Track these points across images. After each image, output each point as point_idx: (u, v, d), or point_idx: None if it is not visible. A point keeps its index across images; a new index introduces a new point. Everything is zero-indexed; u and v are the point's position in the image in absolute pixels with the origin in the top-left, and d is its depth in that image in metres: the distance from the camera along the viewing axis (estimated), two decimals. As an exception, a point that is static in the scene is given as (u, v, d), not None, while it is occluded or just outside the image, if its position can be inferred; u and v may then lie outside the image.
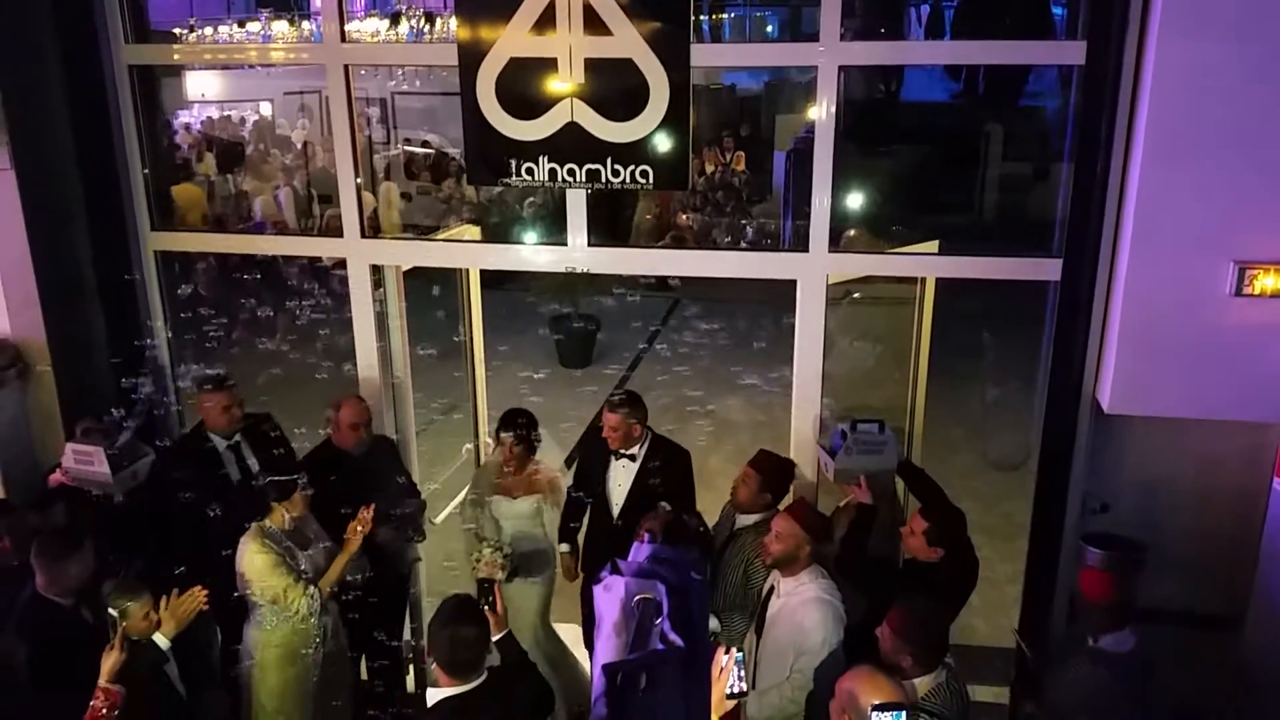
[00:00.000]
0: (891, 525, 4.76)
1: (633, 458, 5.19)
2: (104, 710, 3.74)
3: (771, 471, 4.88)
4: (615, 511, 5.23)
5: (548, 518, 5.45)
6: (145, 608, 4.08)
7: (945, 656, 3.73)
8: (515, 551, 5.12)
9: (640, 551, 2.16)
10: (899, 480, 5.08)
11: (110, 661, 3.78)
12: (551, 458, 5.70)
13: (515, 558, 5.10)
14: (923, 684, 3.61)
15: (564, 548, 5.53)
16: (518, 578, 5.21)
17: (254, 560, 4.49)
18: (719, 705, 3.07)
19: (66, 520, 4.50)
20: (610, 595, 2.07)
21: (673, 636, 1.89)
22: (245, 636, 4.68)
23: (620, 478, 5.24)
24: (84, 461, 4.75)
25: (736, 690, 3.12)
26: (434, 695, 3.52)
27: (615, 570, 2.09)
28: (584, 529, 5.53)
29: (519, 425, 5.26)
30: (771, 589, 4.50)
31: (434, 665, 3.52)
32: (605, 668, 1.73)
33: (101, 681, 3.77)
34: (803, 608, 4.28)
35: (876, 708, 2.95)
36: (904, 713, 2.96)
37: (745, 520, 4.88)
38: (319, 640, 4.65)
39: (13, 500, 5.09)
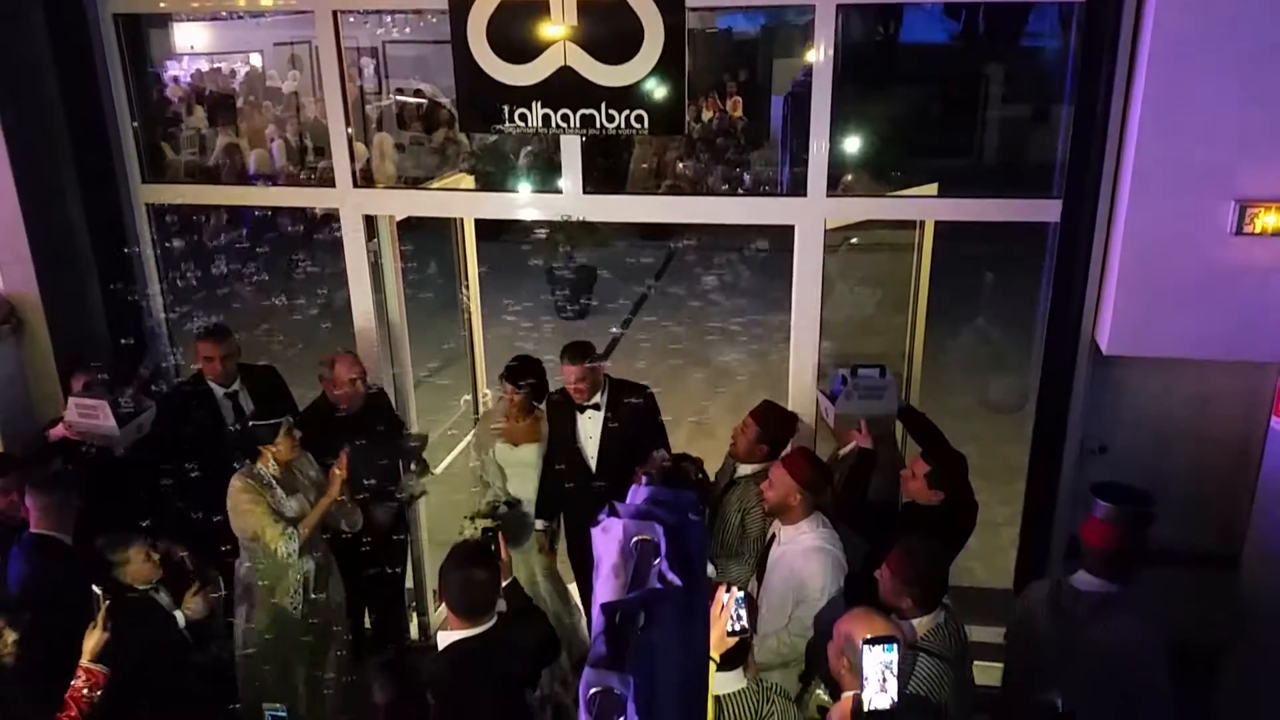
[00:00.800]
0: (892, 470, 4.77)
1: (597, 407, 5.09)
2: (85, 690, 3.63)
3: (770, 423, 4.84)
4: (592, 466, 5.16)
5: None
6: (143, 551, 4.10)
7: (944, 597, 3.76)
8: (505, 522, 5.07)
9: (637, 494, 2.15)
10: (898, 425, 5.09)
11: (93, 640, 3.68)
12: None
13: (510, 521, 5.09)
14: (922, 624, 3.63)
15: (540, 524, 5.39)
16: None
17: (236, 499, 4.54)
18: (720, 643, 3.10)
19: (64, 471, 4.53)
20: (608, 537, 2.06)
21: (671, 576, 1.89)
22: (235, 572, 4.75)
23: (589, 430, 5.16)
24: (88, 415, 4.76)
25: (737, 628, 3.14)
26: (445, 638, 3.56)
27: (613, 512, 2.08)
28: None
29: (522, 374, 5.20)
30: (773, 537, 4.52)
31: (445, 608, 3.56)
32: (604, 606, 1.73)
33: (84, 661, 3.67)
34: (803, 556, 4.30)
35: (868, 641, 2.98)
36: (895, 645, 2.98)
37: (744, 470, 4.88)
38: (302, 582, 4.67)
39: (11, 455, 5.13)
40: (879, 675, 2.97)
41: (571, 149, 4.93)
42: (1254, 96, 4.02)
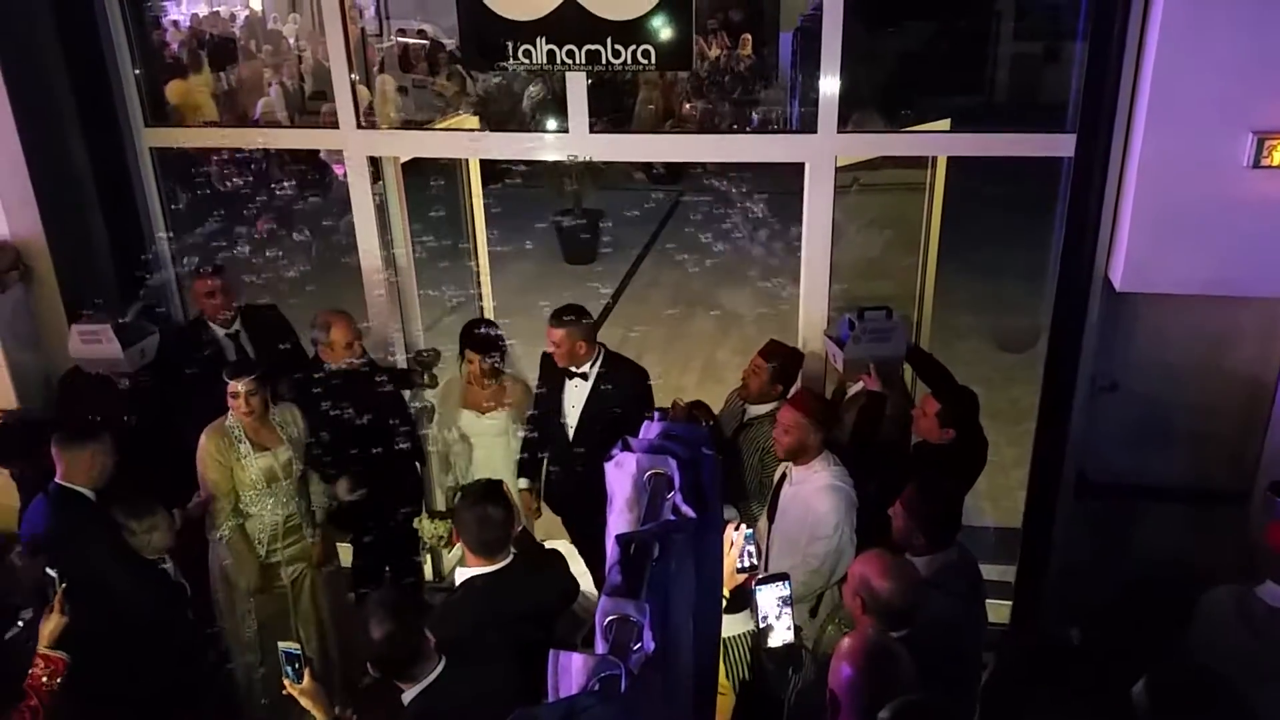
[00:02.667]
0: (900, 412, 4.77)
1: (584, 376, 4.95)
2: (44, 679, 3.48)
3: (782, 361, 4.84)
4: (570, 435, 5.02)
5: (517, 439, 5.24)
6: (165, 521, 4.15)
7: (957, 534, 3.77)
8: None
9: (650, 429, 2.14)
10: (906, 367, 5.07)
11: (50, 626, 3.56)
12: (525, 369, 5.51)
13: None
14: (934, 562, 3.66)
15: (523, 483, 5.28)
16: None
17: (199, 452, 4.58)
18: (730, 579, 3.12)
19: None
20: (622, 472, 2.07)
21: (685, 509, 1.89)
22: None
23: (574, 398, 5.00)
24: (91, 340, 4.75)
25: (747, 565, 3.16)
26: (462, 574, 3.61)
27: (626, 447, 2.08)
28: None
29: (487, 344, 5.05)
30: (784, 476, 4.54)
31: (462, 546, 3.60)
32: (618, 538, 1.73)
33: (41, 647, 3.53)
34: (815, 495, 4.33)
35: (760, 581, 3.00)
36: (787, 581, 3.00)
37: (757, 410, 4.87)
38: (267, 540, 4.73)
39: (23, 401, 5.17)
40: (775, 612, 3.00)
41: (577, 87, 4.85)
42: (1272, 27, 3.92)
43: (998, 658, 3.71)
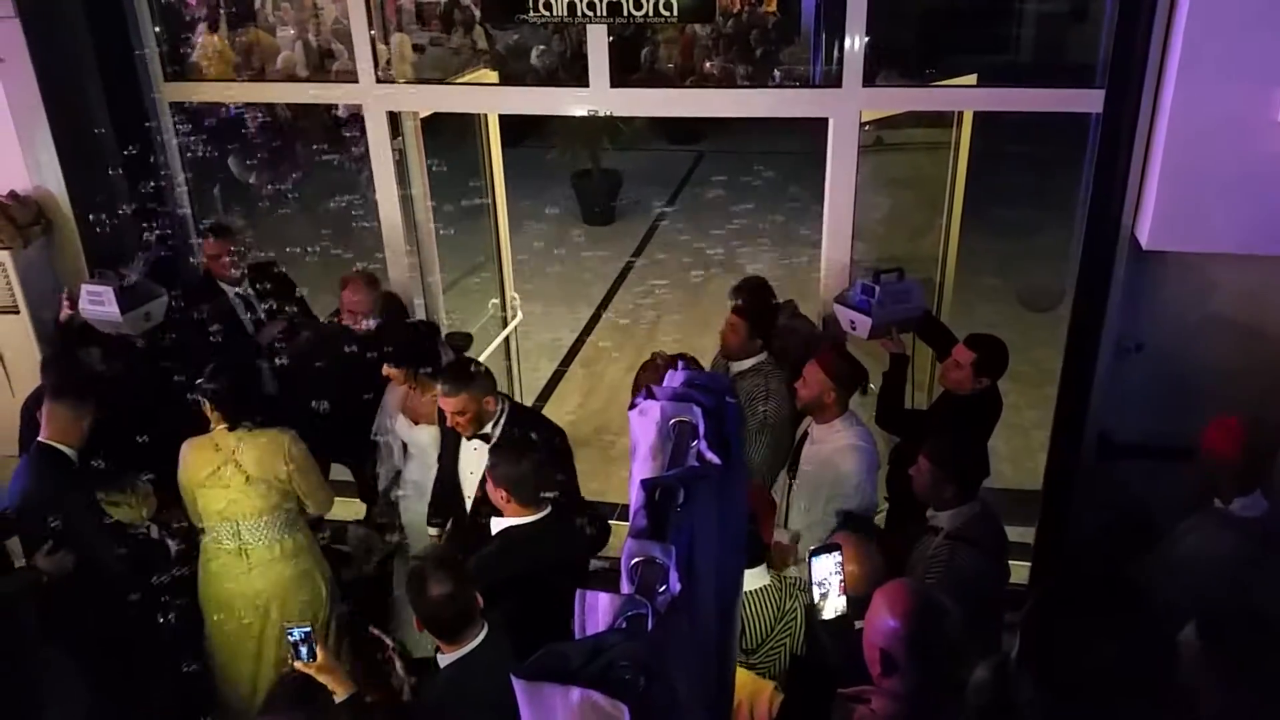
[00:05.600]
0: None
1: (485, 438, 4.22)
2: None
3: (757, 315, 4.79)
4: (468, 505, 4.36)
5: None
6: (136, 495, 4.15)
7: (984, 481, 3.77)
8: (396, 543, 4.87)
9: (674, 377, 2.13)
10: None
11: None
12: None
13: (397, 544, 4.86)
14: (960, 515, 3.66)
15: (432, 531, 4.69)
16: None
17: (182, 452, 4.33)
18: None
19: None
20: (645, 419, 2.05)
21: (710, 455, 1.88)
22: None
23: (472, 463, 4.31)
24: (96, 301, 4.76)
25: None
26: (499, 524, 3.65)
27: (649, 395, 2.07)
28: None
29: (413, 357, 4.58)
30: (804, 435, 4.53)
31: (502, 495, 3.62)
32: (643, 483, 1.73)
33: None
34: (838, 454, 4.33)
35: (813, 552, 3.00)
36: (838, 550, 3.01)
37: (740, 367, 4.83)
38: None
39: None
40: (831, 582, 3.01)
41: (598, 41, 4.79)
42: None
43: (1035, 592, 3.68)
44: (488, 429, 4.23)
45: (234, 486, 4.24)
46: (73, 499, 4.11)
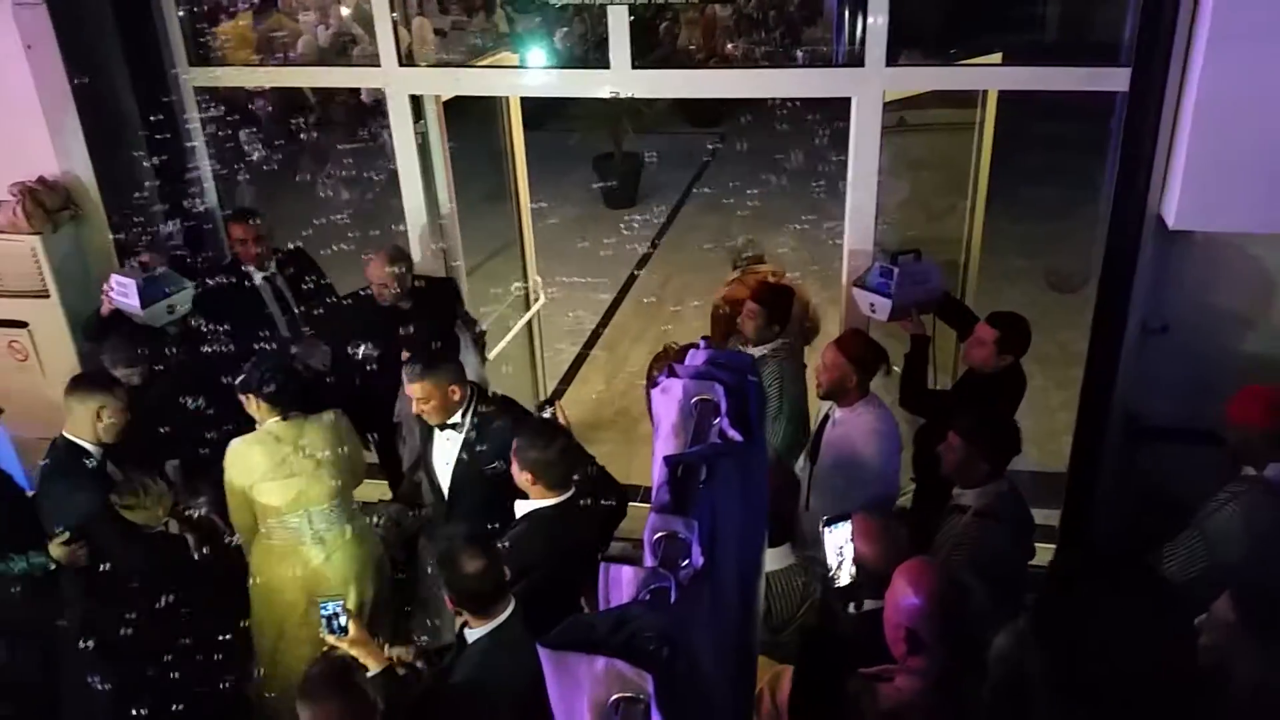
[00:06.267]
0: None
1: (456, 427, 4.14)
2: None
3: (774, 302, 4.84)
4: (446, 496, 4.30)
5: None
6: (150, 496, 4.03)
7: (1013, 457, 3.78)
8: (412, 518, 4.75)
9: (697, 355, 2.14)
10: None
11: None
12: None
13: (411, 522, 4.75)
14: (987, 493, 3.66)
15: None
16: None
17: (231, 452, 4.25)
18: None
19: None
20: (668, 398, 2.06)
21: (732, 433, 1.89)
22: None
23: (444, 454, 4.22)
24: (121, 293, 4.80)
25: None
26: (524, 506, 3.70)
27: (672, 373, 2.08)
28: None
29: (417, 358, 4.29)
30: (827, 417, 4.53)
31: (527, 478, 3.66)
32: (666, 459, 1.74)
33: None
34: (861, 438, 4.32)
35: (827, 522, 3.00)
36: (848, 521, 3.03)
37: (757, 352, 4.84)
38: None
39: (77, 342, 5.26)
40: (844, 552, 3.02)
41: (619, 21, 4.77)
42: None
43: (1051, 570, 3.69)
44: (457, 417, 4.15)
45: (304, 474, 4.19)
46: (86, 498, 4.09)
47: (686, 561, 1.59)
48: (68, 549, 4.02)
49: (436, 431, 4.20)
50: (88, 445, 4.20)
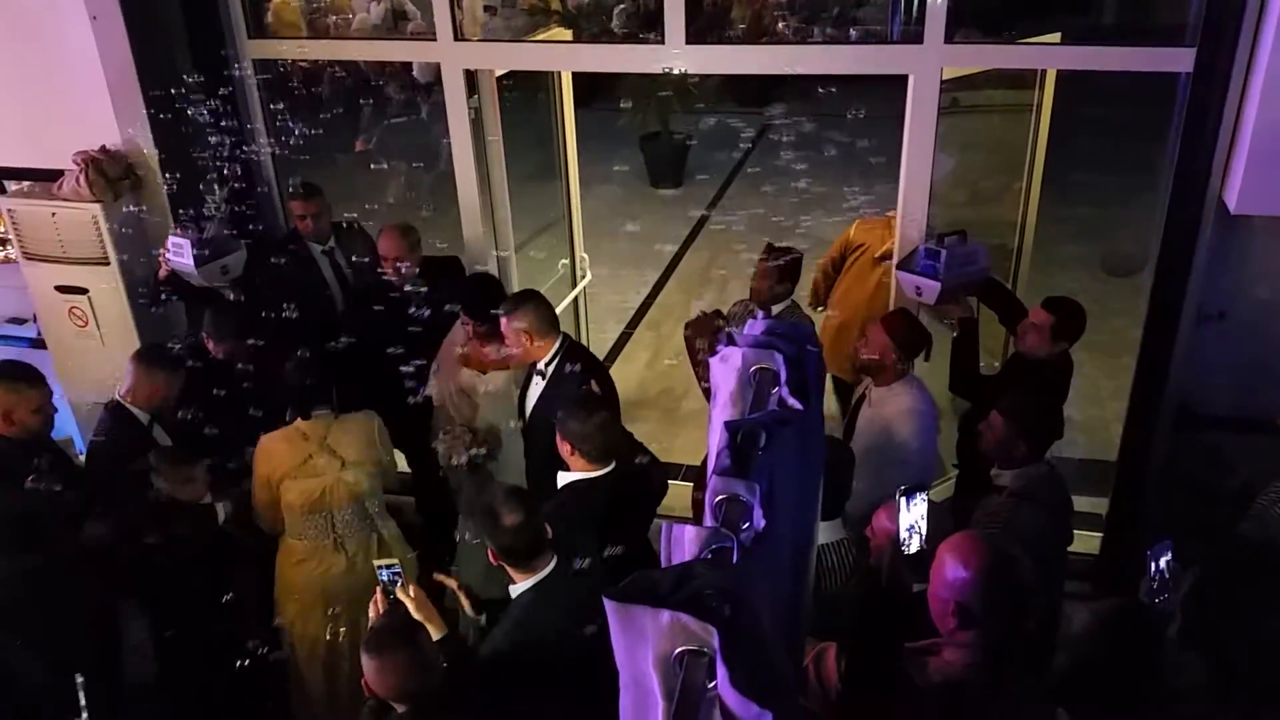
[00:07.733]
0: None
1: (542, 374, 4.40)
2: None
3: (784, 260, 4.92)
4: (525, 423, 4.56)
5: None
6: (188, 479, 4.07)
7: (1054, 444, 3.75)
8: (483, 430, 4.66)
9: (756, 325, 2.15)
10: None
11: None
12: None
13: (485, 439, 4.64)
14: (1026, 474, 3.64)
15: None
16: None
17: (262, 444, 4.28)
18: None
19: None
20: (727, 366, 2.08)
21: (791, 401, 1.91)
22: None
23: (532, 395, 4.51)
24: (177, 253, 4.92)
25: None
26: (565, 478, 3.73)
27: (731, 342, 2.09)
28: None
29: (480, 307, 4.54)
30: (863, 396, 4.52)
31: (568, 449, 3.69)
32: (727, 424, 1.75)
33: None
34: (897, 418, 4.30)
35: (903, 492, 3.00)
36: (924, 494, 3.01)
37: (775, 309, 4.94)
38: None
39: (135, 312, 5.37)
40: (921, 523, 3.01)
41: (674, -3, 4.75)
42: None
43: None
44: (541, 365, 4.37)
45: (328, 474, 4.19)
46: (128, 469, 4.13)
47: (748, 524, 1.61)
48: (92, 526, 4.04)
49: (535, 377, 4.45)
50: (138, 412, 4.38)
